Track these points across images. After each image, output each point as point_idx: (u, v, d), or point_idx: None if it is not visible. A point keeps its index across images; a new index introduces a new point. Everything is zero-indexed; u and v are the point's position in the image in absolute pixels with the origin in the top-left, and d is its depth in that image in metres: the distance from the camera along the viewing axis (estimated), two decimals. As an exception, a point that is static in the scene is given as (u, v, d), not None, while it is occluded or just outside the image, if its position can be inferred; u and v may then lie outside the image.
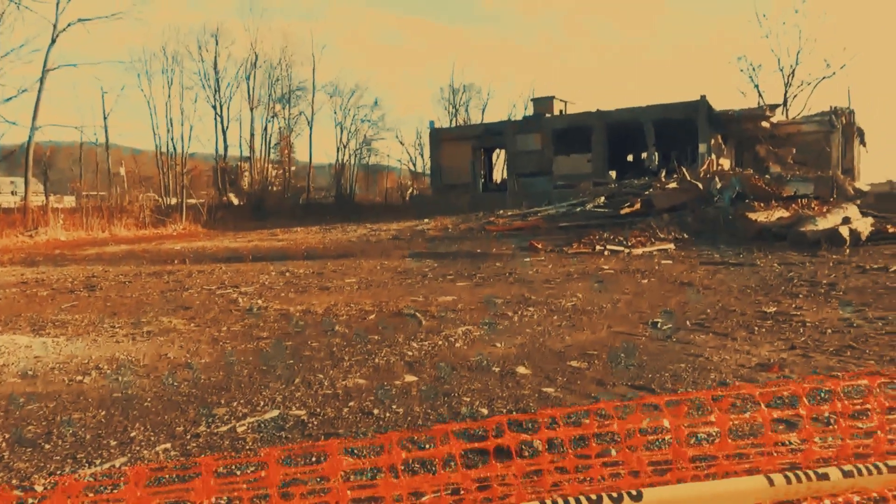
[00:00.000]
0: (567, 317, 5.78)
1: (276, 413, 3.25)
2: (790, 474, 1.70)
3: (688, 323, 5.41)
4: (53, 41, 29.18)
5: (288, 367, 4.13)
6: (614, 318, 5.72)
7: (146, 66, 40.11)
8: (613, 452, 2.35)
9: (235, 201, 42.17)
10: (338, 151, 46.58)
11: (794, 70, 41.97)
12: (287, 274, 10.48)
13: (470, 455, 2.23)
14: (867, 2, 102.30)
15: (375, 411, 3.23)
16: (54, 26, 29.29)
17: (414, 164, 57.05)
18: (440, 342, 4.73)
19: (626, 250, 14.78)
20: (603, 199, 25.31)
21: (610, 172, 34.48)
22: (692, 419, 2.08)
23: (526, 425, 2.65)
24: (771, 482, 1.68)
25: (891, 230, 15.47)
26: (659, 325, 5.32)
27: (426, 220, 28.47)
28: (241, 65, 41.22)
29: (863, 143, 33.82)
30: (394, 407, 3.28)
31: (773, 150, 31.45)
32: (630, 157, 40.76)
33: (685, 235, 17.66)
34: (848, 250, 13.60)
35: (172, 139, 39.18)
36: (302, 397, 3.51)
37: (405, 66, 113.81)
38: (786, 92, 42.17)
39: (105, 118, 37.73)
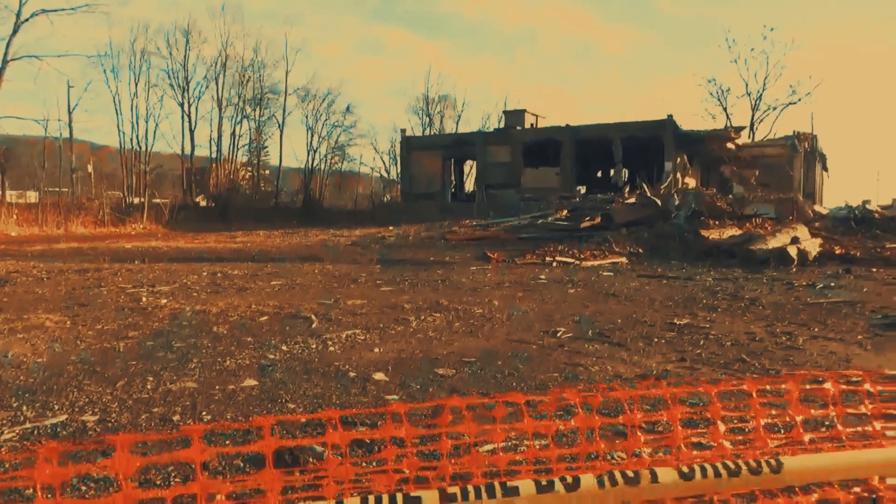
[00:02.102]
0: (470, 323, 5.59)
1: (63, 418, 2.99)
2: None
3: (589, 332, 5.25)
4: (15, 31, 28.52)
5: (124, 368, 3.86)
6: (518, 325, 5.54)
7: (113, 61, 39.42)
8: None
9: (203, 203, 41.56)
10: (308, 156, 46.18)
11: (760, 95, 42.72)
12: (218, 275, 10.17)
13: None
14: (834, 32, 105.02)
15: (175, 418, 2.98)
16: (17, 15, 28.65)
17: (388, 172, 56.85)
18: (315, 345, 4.50)
19: (577, 262, 14.71)
20: (566, 212, 25.31)
21: (579, 188, 34.59)
22: (492, 425, 1.89)
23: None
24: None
25: (838, 251, 15.63)
26: (558, 334, 5.15)
27: (390, 228, 28.23)
28: (212, 65, 40.60)
29: (825, 167, 34.40)
30: (203, 413, 3.04)
31: (737, 171, 31.83)
32: (600, 174, 40.98)
33: (640, 250, 17.66)
34: (794, 269, 13.65)
35: (137, 137, 38.50)
36: (110, 401, 3.26)
37: (384, 76, 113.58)
38: (753, 116, 42.91)
39: (70, 112, 36.87)
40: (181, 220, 32.67)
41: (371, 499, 1.29)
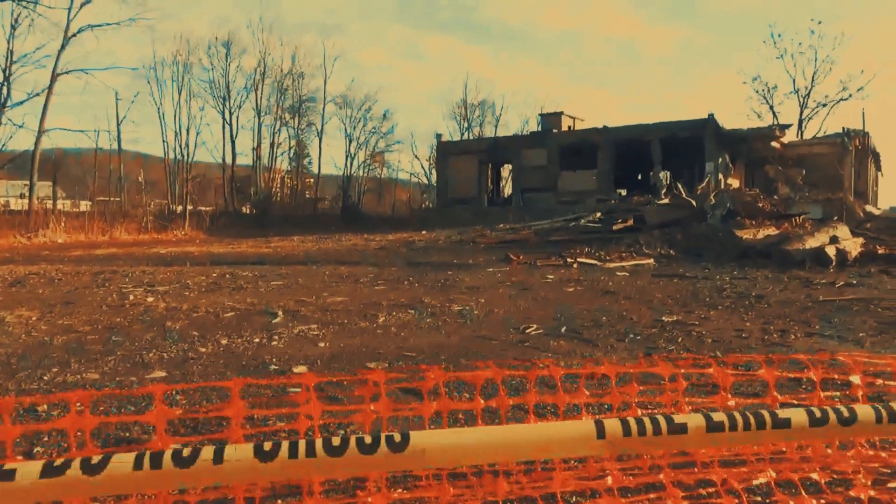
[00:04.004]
0: (443, 321, 5.38)
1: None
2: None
3: (563, 329, 4.97)
4: (63, 46, 29.69)
5: (40, 360, 3.79)
6: (492, 323, 5.30)
7: (157, 73, 40.58)
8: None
9: (246, 210, 42.39)
10: (346, 162, 46.59)
11: (809, 92, 40.97)
12: (226, 276, 10.21)
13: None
14: (887, 24, 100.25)
15: (41, 409, 2.86)
16: (65, 32, 29.82)
17: (428, 178, 56.91)
18: (259, 340, 4.37)
19: (601, 264, 14.29)
20: (599, 214, 24.77)
21: (619, 190, 33.86)
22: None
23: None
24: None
25: (881, 251, 14.73)
26: (528, 331, 4.88)
27: (423, 232, 28.19)
28: (251, 75, 41.38)
29: (878, 166, 32.74)
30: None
31: (782, 171, 30.60)
32: (640, 176, 40.05)
33: (671, 252, 17.10)
34: (833, 270, 12.95)
35: (181, 146, 39.56)
36: (-4, 393, 3.17)
37: (425, 82, 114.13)
38: (801, 114, 41.18)
39: (119, 124, 38.16)
40: (221, 227, 33.37)
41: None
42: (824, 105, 40.88)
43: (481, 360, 3.92)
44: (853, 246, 14.57)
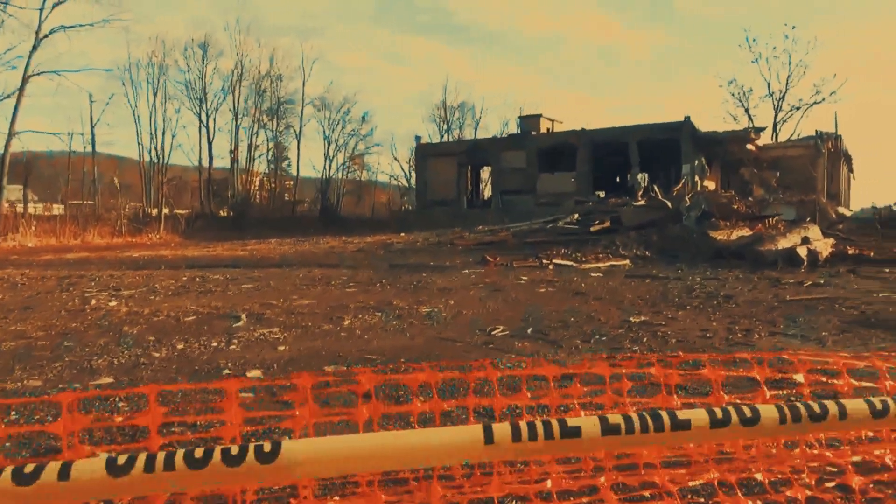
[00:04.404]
0: (409, 323, 5.31)
1: None
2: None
3: (529, 331, 4.93)
4: (35, 48, 29.15)
5: None
6: (458, 324, 5.25)
7: (132, 75, 39.95)
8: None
9: (223, 213, 41.92)
10: (324, 164, 46.26)
11: (783, 95, 41.55)
12: (196, 280, 10.05)
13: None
14: (859, 29, 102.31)
15: None
16: (37, 33, 29.29)
17: (408, 180, 56.77)
18: (217, 344, 4.27)
19: (576, 265, 14.31)
20: (577, 216, 24.85)
21: (598, 193, 34.03)
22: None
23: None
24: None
25: (851, 251, 14.94)
26: (493, 333, 4.84)
27: (402, 235, 28.09)
28: (229, 76, 40.95)
29: (850, 169, 33.29)
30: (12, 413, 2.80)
31: (757, 174, 30.98)
32: (618, 178, 40.33)
33: (647, 252, 17.20)
34: (804, 270, 13.10)
35: (156, 149, 39.01)
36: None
37: (405, 85, 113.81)
38: (776, 117, 41.74)
39: (92, 126, 37.57)
40: (197, 230, 32.96)
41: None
42: (798, 108, 41.52)
43: (443, 362, 3.87)
44: (824, 246, 14.75)
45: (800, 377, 1.87)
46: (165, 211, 34.97)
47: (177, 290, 8.09)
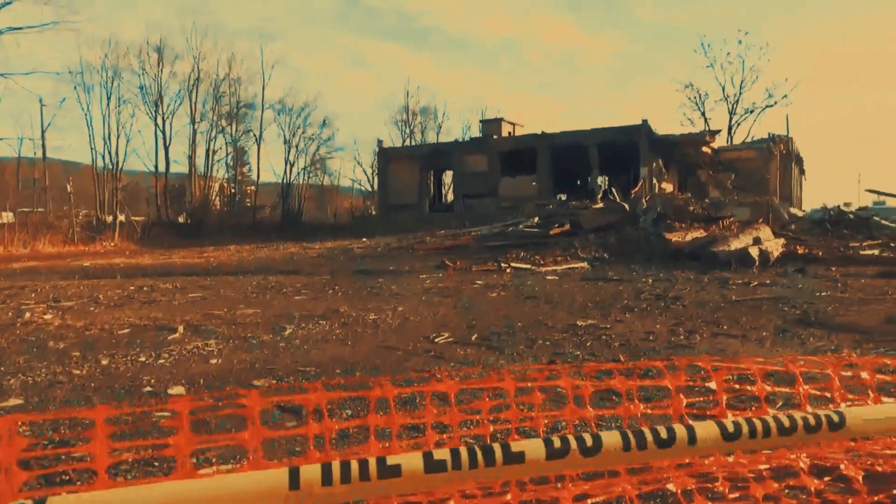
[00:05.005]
0: (354, 331, 5.20)
1: None
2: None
3: (473, 337, 4.87)
4: (-21, 50, 28.12)
5: None
6: (403, 332, 5.16)
7: (84, 78, 38.79)
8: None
9: (182, 219, 41.03)
10: (285, 170, 45.64)
11: (737, 99, 42.63)
12: (144, 289, 9.75)
13: None
14: (809, 35, 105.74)
15: None
16: (-19, 35, 28.28)
17: (372, 185, 56.43)
18: (145, 359, 4.10)
19: (534, 268, 14.35)
20: (537, 219, 24.99)
21: (560, 195, 34.30)
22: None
23: None
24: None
25: (801, 251, 15.31)
26: (437, 340, 4.76)
27: (363, 240, 27.87)
28: (185, 81, 40.09)
29: (802, 170, 34.21)
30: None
31: (713, 176, 31.61)
32: (579, 182, 40.75)
33: (605, 255, 17.36)
34: (756, 270, 13.37)
35: (110, 154, 37.96)
36: None
37: (368, 89, 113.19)
38: (731, 120, 42.79)
39: (43, 131, 36.44)
40: (154, 237, 32.20)
41: None
42: (752, 112, 42.64)
43: (379, 374, 3.78)
44: (775, 246, 15.08)
45: (712, 385, 1.84)
46: (121, 218, 34.07)
47: (120, 301, 7.82)
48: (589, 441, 1.08)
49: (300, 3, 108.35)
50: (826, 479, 1.77)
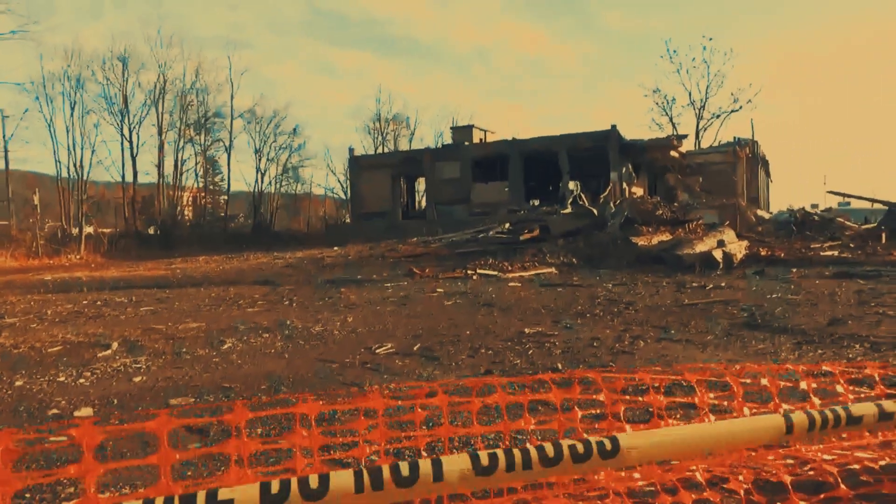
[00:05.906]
0: (297, 343, 5.09)
1: None
2: None
3: (416, 347, 4.78)
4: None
5: None
6: (346, 343, 5.06)
7: (46, 89, 38.01)
8: None
9: (151, 231, 40.37)
10: (256, 178, 45.16)
11: (704, 104, 43.28)
12: (98, 303, 9.52)
13: None
14: (770, 41, 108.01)
15: None
16: (-62, 45, 27.59)
17: (345, 193, 56.13)
18: (64, 378, 3.96)
19: (501, 275, 14.32)
20: (508, 225, 25.02)
21: (532, 201, 34.42)
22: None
23: None
24: None
25: (763, 253, 15.51)
26: (378, 351, 4.67)
27: (335, 249, 27.65)
28: (151, 90, 39.50)
29: (768, 173, 34.76)
30: None
31: (681, 179, 31.98)
32: (551, 187, 40.95)
33: (574, 260, 17.39)
34: (720, 272, 13.49)
35: (75, 165, 37.25)
36: None
37: (339, 97, 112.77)
38: (698, 125, 43.41)
39: (6, 142, 35.64)
40: (122, 250, 31.63)
41: None
42: (718, 116, 43.31)
43: (308, 389, 3.68)
44: (739, 249, 15.24)
45: (601, 396, 1.78)
46: (88, 230, 33.45)
47: (66, 317, 7.61)
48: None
49: (268, 11, 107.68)
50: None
